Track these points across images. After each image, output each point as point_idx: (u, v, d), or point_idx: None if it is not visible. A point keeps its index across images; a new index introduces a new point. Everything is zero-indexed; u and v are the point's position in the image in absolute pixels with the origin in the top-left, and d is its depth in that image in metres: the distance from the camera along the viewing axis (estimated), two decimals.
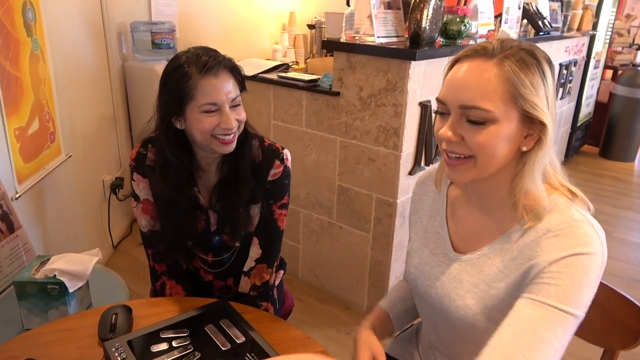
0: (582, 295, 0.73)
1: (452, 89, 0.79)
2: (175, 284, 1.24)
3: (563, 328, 0.72)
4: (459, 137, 0.78)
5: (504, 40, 0.79)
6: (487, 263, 0.86)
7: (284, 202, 1.26)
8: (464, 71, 0.78)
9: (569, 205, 0.79)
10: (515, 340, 0.72)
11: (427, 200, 1.02)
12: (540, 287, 0.75)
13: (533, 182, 0.80)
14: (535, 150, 0.79)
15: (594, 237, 0.75)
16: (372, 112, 1.91)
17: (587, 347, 1.06)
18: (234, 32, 3.30)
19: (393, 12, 1.95)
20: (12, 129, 1.56)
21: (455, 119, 0.79)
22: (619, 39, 5.14)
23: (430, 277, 0.95)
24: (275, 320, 1.09)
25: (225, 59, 1.10)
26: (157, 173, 1.17)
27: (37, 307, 1.14)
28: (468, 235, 0.92)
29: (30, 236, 1.54)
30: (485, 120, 0.76)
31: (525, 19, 2.80)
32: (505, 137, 0.77)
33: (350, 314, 2.20)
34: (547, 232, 0.78)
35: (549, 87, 0.78)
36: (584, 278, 0.73)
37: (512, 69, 0.75)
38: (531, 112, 0.76)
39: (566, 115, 3.96)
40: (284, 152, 1.24)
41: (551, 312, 0.73)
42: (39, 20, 1.79)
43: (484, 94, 0.75)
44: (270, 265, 1.27)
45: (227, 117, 1.07)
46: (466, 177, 0.82)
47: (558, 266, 0.75)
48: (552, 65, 0.80)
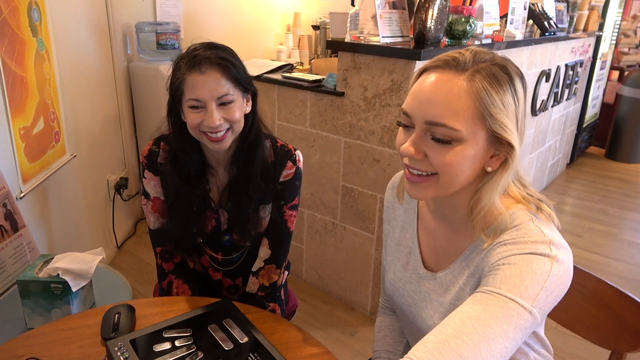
0: (534, 290, 0.67)
1: (418, 102, 0.74)
2: (182, 283, 1.24)
3: (506, 315, 0.65)
4: (422, 155, 0.74)
5: (477, 53, 0.74)
6: (452, 282, 0.84)
7: (294, 204, 1.25)
8: (432, 83, 0.73)
9: (527, 220, 0.74)
10: (456, 327, 0.65)
11: (399, 210, 0.99)
12: (486, 279, 0.71)
13: (491, 201, 0.76)
14: (500, 172, 0.75)
15: (546, 248, 0.70)
16: (376, 112, 1.90)
17: (594, 350, 1.05)
18: (238, 33, 3.31)
19: (398, 12, 1.95)
20: (17, 129, 1.56)
21: (419, 135, 0.74)
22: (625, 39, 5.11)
23: (403, 294, 0.93)
24: (278, 321, 1.08)
25: (216, 55, 1.06)
26: (168, 164, 1.17)
27: (40, 306, 1.14)
28: (438, 251, 0.89)
29: (35, 235, 1.54)
30: (452, 139, 0.71)
31: (530, 20, 2.78)
32: (471, 157, 0.73)
33: (354, 314, 2.19)
34: (501, 245, 0.74)
35: (520, 106, 0.74)
36: (537, 276, 0.68)
37: (483, 86, 0.70)
38: (499, 133, 0.72)
39: (572, 117, 3.93)
40: (296, 153, 1.23)
41: (496, 299, 0.66)
42: (45, 21, 1.80)
43: (452, 112, 0.70)
44: (279, 266, 1.26)
45: (210, 115, 1.05)
46: (426, 195, 0.77)
47: (508, 260, 0.70)
48: (524, 81, 0.76)
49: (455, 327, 0.65)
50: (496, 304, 0.66)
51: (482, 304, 0.67)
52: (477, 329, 0.64)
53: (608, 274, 2.58)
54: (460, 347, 0.62)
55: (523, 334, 0.66)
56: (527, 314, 0.66)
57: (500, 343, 0.64)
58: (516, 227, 0.74)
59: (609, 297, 1.01)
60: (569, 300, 1.07)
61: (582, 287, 1.05)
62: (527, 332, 0.67)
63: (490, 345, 0.63)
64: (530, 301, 0.66)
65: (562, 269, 0.70)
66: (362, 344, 2.02)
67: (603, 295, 1.02)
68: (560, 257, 0.70)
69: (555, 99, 3.29)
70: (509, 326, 0.65)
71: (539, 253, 0.70)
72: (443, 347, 0.62)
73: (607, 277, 1.02)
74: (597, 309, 1.03)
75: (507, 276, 0.68)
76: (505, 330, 0.64)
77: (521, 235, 0.72)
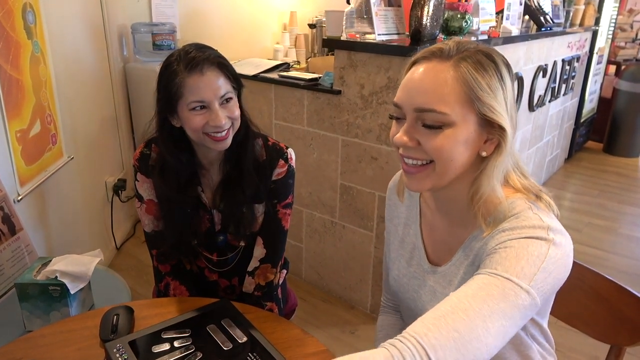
0: (531, 270, 0.68)
1: (407, 92, 0.76)
2: (179, 285, 1.24)
3: (502, 293, 0.66)
4: (415, 142, 0.76)
5: (460, 42, 0.77)
6: (455, 274, 0.85)
7: (288, 202, 1.25)
8: (419, 73, 0.76)
9: (526, 208, 0.76)
10: (453, 304, 0.66)
11: (401, 208, 1.00)
12: (484, 263, 0.72)
13: (491, 188, 0.77)
14: (495, 156, 0.76)
15: (543, 233, 0.71)
16: (373, 110, 1.90)
17: (594, 344, 1.05)
18: (235, 33, 3.30)
19: (393, 9, 1.94)
20: (14, 132, 1.56)
21: (410, 124, 0.76)
22: (621, 34, 5.11)
23: (408, 289, 0.94)
24: (277, 320, 1.08)
25: (212, 55, 1.07)
26: (157, 173, 1.16)
27: (38, 309, 1.14)
28: (440, 245, 0.90)
29: (33, 238, 1.54)
30: (442, 124, 0.73)
31: (527, 15, 2.78)
32: (463, 141, 0.74)
33: (354, 313, 2.19)
34: (499, 232, 0.75)
35: (508, 90, 0.76)
36: (533, 257, 0.69)
37: (468, 71, 0.73)
38: (489, 116, 0.74)
39: (570, 112, 3.93)
40: (288, 151, 1.23)
41: (492, 278, 0.68)
42: (40, 23, 1.79)
43: (439, 97, 0.73)
44: (275, 265, 1.26)
45: (216, 115, 1.05)
46: (424, 185, 0.79)
47: (505, 244, 0.72)
48: (510, 69, 0.78)
49: (452, 304, 0.66)
50: (492, 283, 0.67)
51: (479, 283, 0.68)
52: (473, 305, 0.65)
53: (608, 269, 2.58)
54: (456, 322, 0.63)
55: (522, 314, 0.67)
56: (525, 293, 0.67)
57: (497, 320, 0.64)
58: (515, 215, 0.75)
59: (607, 291, 1.01)
60: (568, 295, 1.07)
61: (580, 282, 1.05)
62: (527, 312, 0.68)
63: (486, 321, 0.64)
64: (527, 281, 0.67)
65: (560, 252, 0.71)
66: (362, 342, 2.02)
67: (602, 290, 1.02)
68: (558, 240, 0.71)
69: (552, 94, 3.29)
70: (506, 304, 0.66)
71: (535, 237, 0.71)
72: (439, 322, 0.64)
73: (607, 272, 1.02)
74: (596, 303, 1.03)
75: (503, 258, 0.70)
76: (502, 308, 0.65)
77: (519, 222, 0.74)
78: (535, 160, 3.40)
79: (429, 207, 0.92)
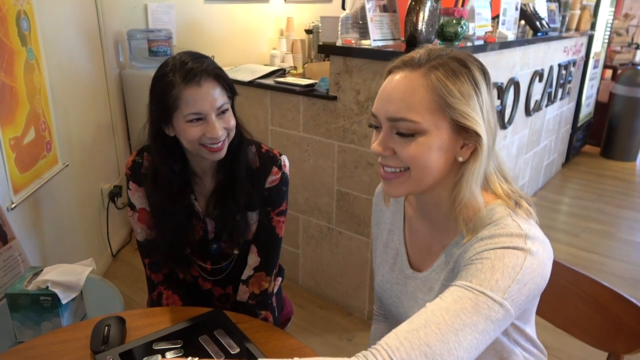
0: (505, 283, 0.68)
1: (381, 101, 0.78)
2: (172, 294, 1.22)
3: (475, 307, 0.67)
4: (391, 151, 0.77)
5: (431, 50, 0.77)
6: (436, 280, 0.85)
7: (282, 209, 1.24)
8: (392, 82, 0.77)
9: (505, 215, 0.76)
10: (427, 317, 0.67)
11: (387, 213, 1.01)
12: (460, 274, 0.73)
13: (470, 193, 0.77)
14: (472, 161, 0.77)
15: (520, 242, 0.71)
16: (369, 115, 1.89)
17: (592, 351, 1.04)
18: (231, 39, 3.30)
19: (389, 15, 1.94)
20: (7, 139, 1.55)
21: (386, 133, 0.77)
22: (617, 38, 5.13)
23: (391, 295, 0.94)
24: (271, 330, 1.07)
25: (210, 66, 1.06)
26: (149, 181, 1.15)
27: (30, 320, 1.13)
28: (422, 251, 0.90)
29: (27, 247, 1.52)
30: (414, 132, 0.74)
31: (522, 20, 2.79)
32: (436, 148, 0.75)
33: (351, 319, 2.18)
34: (478, 240, 0.75)
35: (483, 96, 0.76)
36: (509, 269, 0.69)
37: (438, 78, 0.73)
38: (462, 122, 0.74)
39: (566, 116, 3.94)
40: (282, 158, 1.22)
41: (466, 292, 0.68)
42: (34, 30, 1.78)
43: (409, 105, 0.74)
44: (269, 273, 1.25)
45: (213, 127, 1.04)
46: (400, 191, 0.80)
47: (482, 255, 0.72)
48: (487, 75, 0.78)
49: (426, 317, 0.67)
50: (466, 296, 0.68)
51: (454, 296, 0.69)
52: (446, 319, 0.66)
53: (606, 273, 2.57)
54: (428, 337, 0.65)
55: (495, 326, 0.68)
56: (498, 306, 0.68)
57: (470, 334, 0.66)
58: (494, 222, 0.76)
59: (605, 298, 1.00)
60: (565, 302, 1.06)
61: (577, 288, 1.04)
62: (501, 324, 0.69)
63: (458, 335, 0.65)
64: (500, 294, 0.68)
65: (536, 262, 0.71)
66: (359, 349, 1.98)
67: (599, 297, 1.01)
68: (534, 250, 0.72)
69: (549, 98, 3.30)
70: (479, 318, 0.67)
71: (512, 247, 0.71)
72: (412, 337, 0.65)
73: (604, 277, 1.02)
74: (594, 310, 1.02)
75: (478, 270, 0.71)
76: (475, 321, 0.66)
77: (498, 230, 0.74)
78: (532, 165, 3.40)
79: (414, 213, 0.93)
